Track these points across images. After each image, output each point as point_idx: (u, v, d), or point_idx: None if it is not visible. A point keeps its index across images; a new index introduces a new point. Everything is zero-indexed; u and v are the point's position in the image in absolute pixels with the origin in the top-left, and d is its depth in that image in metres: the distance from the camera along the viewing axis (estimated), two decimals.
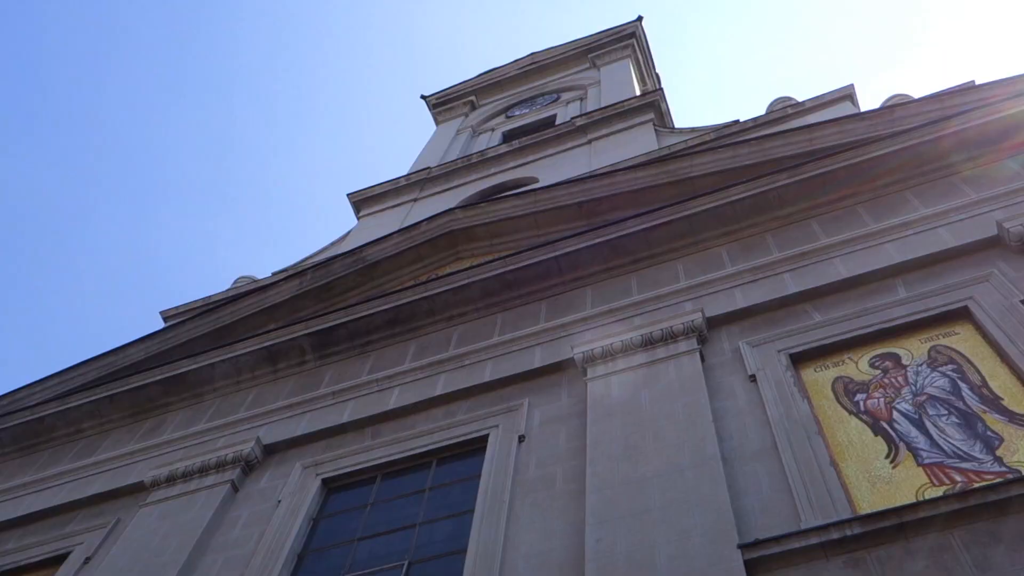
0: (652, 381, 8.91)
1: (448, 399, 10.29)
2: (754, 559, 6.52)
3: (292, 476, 10.05)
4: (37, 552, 10.46)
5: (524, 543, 7.73)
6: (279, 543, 8.99)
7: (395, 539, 8.76)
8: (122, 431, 12.38)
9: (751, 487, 7.32)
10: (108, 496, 11.03)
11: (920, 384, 7.90)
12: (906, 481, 7.00)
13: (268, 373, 12.25)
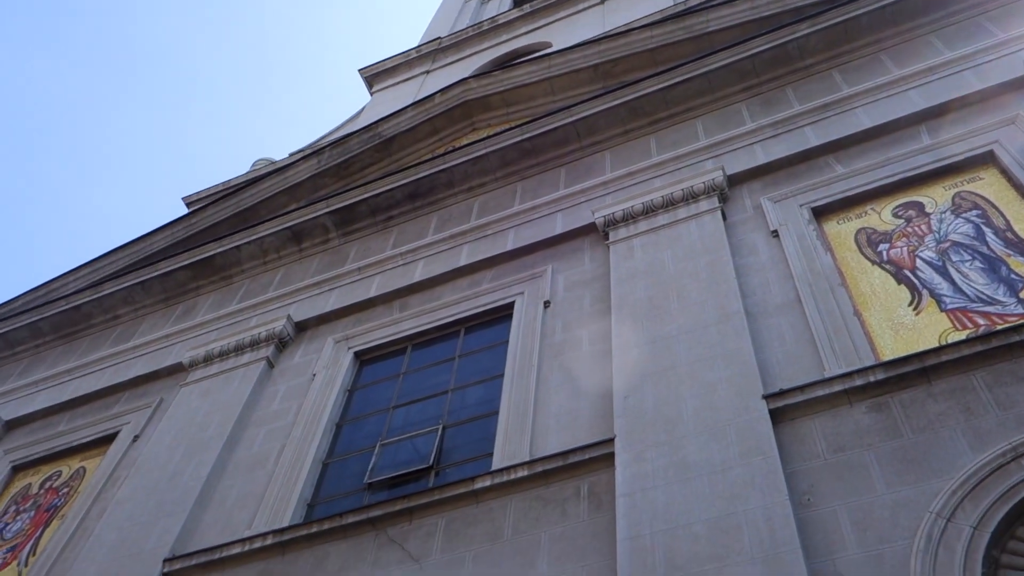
0: (674, 241, 8.94)
1: (472, 269, 10.41)
2: (779, 408, 6.70)
3: (325, 350, 10.32)
4: (88, 432, 10.92)
5: (554, 403, 7.97)
6: (317, 414, 9.31)
7: (428, 405, 9.04)
8: (156, 316, 12.68)
9: (775, 340, 7.44)
10: (149, 378, 11.41)
11: (944, 231, 7.88)
12: (929, 327, 7.08)
13: (294, 252, 12.40)
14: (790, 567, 5.46)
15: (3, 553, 9.74)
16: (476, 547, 6.89)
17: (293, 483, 8.48)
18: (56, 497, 10.29)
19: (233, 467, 9.18)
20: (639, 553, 6.00)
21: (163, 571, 8.00)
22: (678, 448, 6.65)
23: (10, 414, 11.93)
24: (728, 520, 5.94)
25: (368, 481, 8.21)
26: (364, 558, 7.26)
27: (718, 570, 5.64)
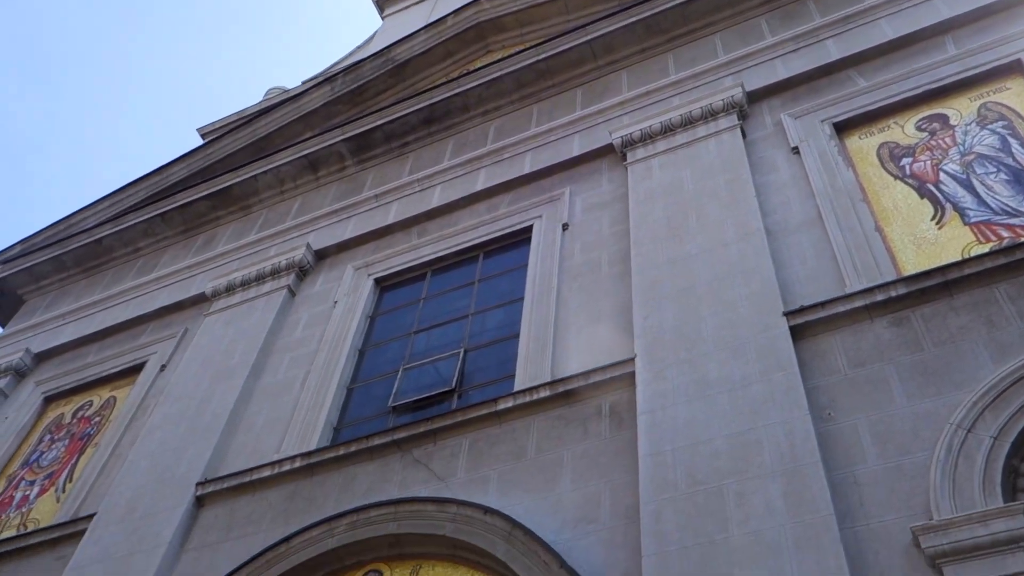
0: (693, 160, 8.86)
1: (490, 193, 10.38)
2: (799, 325, 6.70)
3: (345, 278, 10.38)
4: (116, 363, 11.11)
5: (574, 325, 8.01)
6: (340, 341, 9.42)
7: (449, 330, 9.12)
8: (177, 247, 12.77)
9: (795, 258, 7.41)
10: (173, 308, 11.54)
11: (968, 143, 7.75)
12: (952, 241, 7.03)
13: (310, 181, 12.39)
14: (810, 480, 5.54)
15: (41, 480, 10.02)
16: (500, 466, 7.02)
17: (319, 408, 8.62)
18: (88, 426, 10.53)
19: (259, 393, 9.34)
20: (660, 469, 6.10)
21: (196, 494, 8.21)
22: (698, 366, 6.69)
23: (39, 346, 12.14)
24: (748, 435, 6.00)
25: (392, 404, 8.34)
26: (391, 479, 7.42)
27: (739, 484, 5.73)
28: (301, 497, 7.74)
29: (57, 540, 8.69)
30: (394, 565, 6.66)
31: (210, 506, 8.19)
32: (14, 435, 10.85)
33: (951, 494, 5.20)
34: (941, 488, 5.24)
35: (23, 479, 10.21)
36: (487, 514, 6.27)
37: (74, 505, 9.08)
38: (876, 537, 5.26)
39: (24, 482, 10.14)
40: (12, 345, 12.52)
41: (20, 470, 10.38)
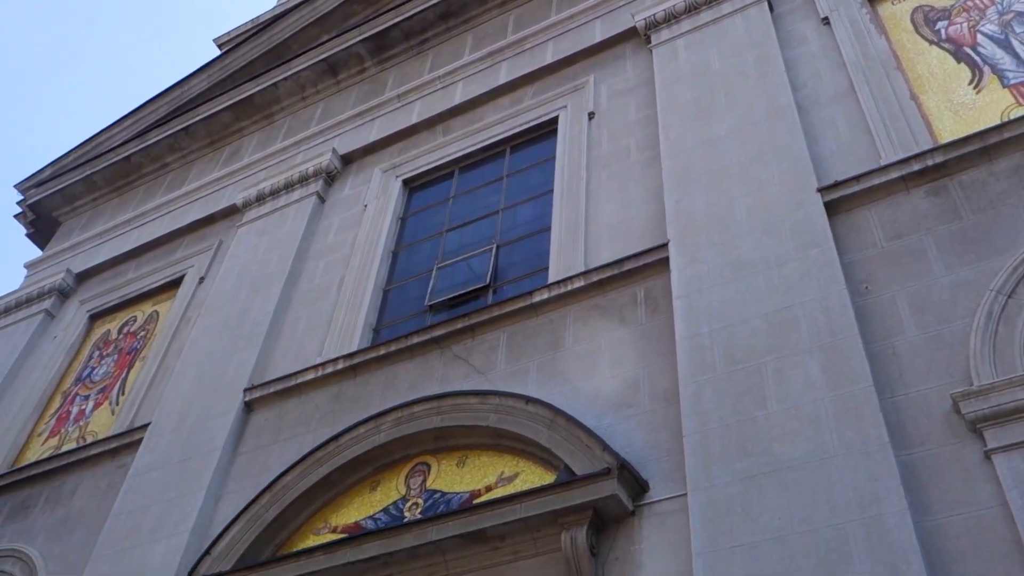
0: (719, 38, 8.61)
1: (513, 86, 10.20)
2: (834, 200, 6.61)
3: (373, 181, 10.36)
4: (155, 278, 11.29)
5: (604, 214, 7.97)
6: (372, 243, 9.46)
7: (480, 227, 9.12)
8: (204, 160, 12.79)
9: (828, 132, 7.26)
10: (206, 221, 11.64)
11: (1007, 1, 7.44)
12: (990, 105, 6.83)
13: (331, 85, 12.25)
14: (848, 353, 5.55)
15: (95, 395, 10.34)
16: (539, 357, 7.11)
17: (357, 310, 8.74)
18: (135, 341, 10.78)
19: (298, 300, 9.47)
20: (698, 351, 6.14)
21: (244, 400, 8.43)
22: (732, 247, 6.66)
23: (80, 266, 12.36)
24: (785, 313, 6.00)
25: (429, 303, 8.43)
26: (432, 375, 7.55)
27: (777, 361, 5.76)
28: (346, 397, 7.92)
29: (116, 450, 9.02)
30: (441, 457, 6.84)
31: (259, 410, 8.42)
32: (64, 353, 11.15)
33: (991, 359, 5.20)
34: (981, 354, 5.24)
35: (77, 395, 10.54)
36: (529, 403, 6.38)
37: (128, 416, 9.38)
38: (916, 406, 5.30)
39: (79, 397, 10.47)
40: (53, 266, 12.75)
41: (74, 386, 10.71)
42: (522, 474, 6.30)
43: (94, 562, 7.73)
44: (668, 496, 5.67)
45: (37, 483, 9.34)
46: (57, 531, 8.62)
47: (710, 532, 5.16)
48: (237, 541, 6.90)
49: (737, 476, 5.32)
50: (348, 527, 6.78)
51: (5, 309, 12.46)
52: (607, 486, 5.60)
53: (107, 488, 8.69)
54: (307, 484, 7.00)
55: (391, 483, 6.91)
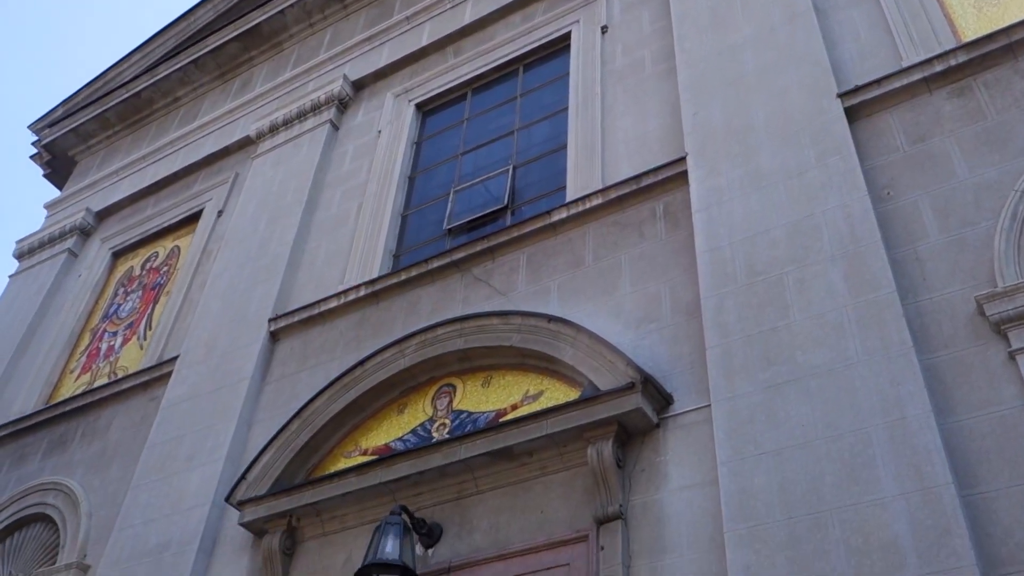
0: None
1: (524, 2, 9.99)
2: (854, 105, 6.49)
3: (386, 106, 10.27)
4: (174, 213, 11.33)
5: (621, 129, 7.88)
6: (388, 169, 9.42)
7: (496, 148, 9.04)
8: (216, 93, 12.69)
9: (848, 35, 7.09)
10: (221, 154, 11.61)
11: None
12: (1016, 0, 6.62)
13: (338, 11, 12.06)
14: (870, 260, 5.51)
15: (123, 331, 10.49)
16: (559, 276, 7.12)
17: (376, 237, 8.75)
18: (158, 276, 10.88)
19: (316, 229, 9.49)
20: (719, 264, 6.12)
21: (269, 330, 8.53)
22: (752, 158, 6.57)
23: (99, 204, 12.42)
24: (806, 222, 5.95)
25: (447, 227, 8.42)
26: (453, 297, 7.59)
27: (798, 271, 5.74)
28: (369, 323, 7.99)
29: (147, 383, 9.18)
30: (466, 378, 6.92)
31: (284, 339, 8.52)
32: (90, 291, 11.28)
33: (1016, 261, 5.16)
34: (1006, 255, 5.19)
35: (105, 331, 10.69)
36: (551, 322, 6.41)
37: (157, 350, 9.52)
38: (939, 309, 5.28)
39: (107, 334, 10.63)
40: (73, 206, 12.82)
41: (102, 323, 10.86)
42: (547, 392, 6.37)
43: (133, 491, 7.95)
44: (692, 408, 5.72)
45: (73, 418, 9.55)
46: (95, 463, 8.85)
47: (734, 441, 5.22)
48: (270, 466, 7.06)
49: (760, 386, 5.36)
50: (378, 449, 6.91)
51: (29, 250, 12.59)
52: (631, 400, 5.66)
53: (141, 420, 8.88)
54: (335, 409, 7.12)
55: (418, 405, 7.01)
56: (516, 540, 5.79)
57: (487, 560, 5.79)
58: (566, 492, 5.82)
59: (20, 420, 9.89)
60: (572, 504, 5.74)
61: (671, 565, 5.13)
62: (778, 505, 4.83)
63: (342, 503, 6.61)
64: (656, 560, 5.20)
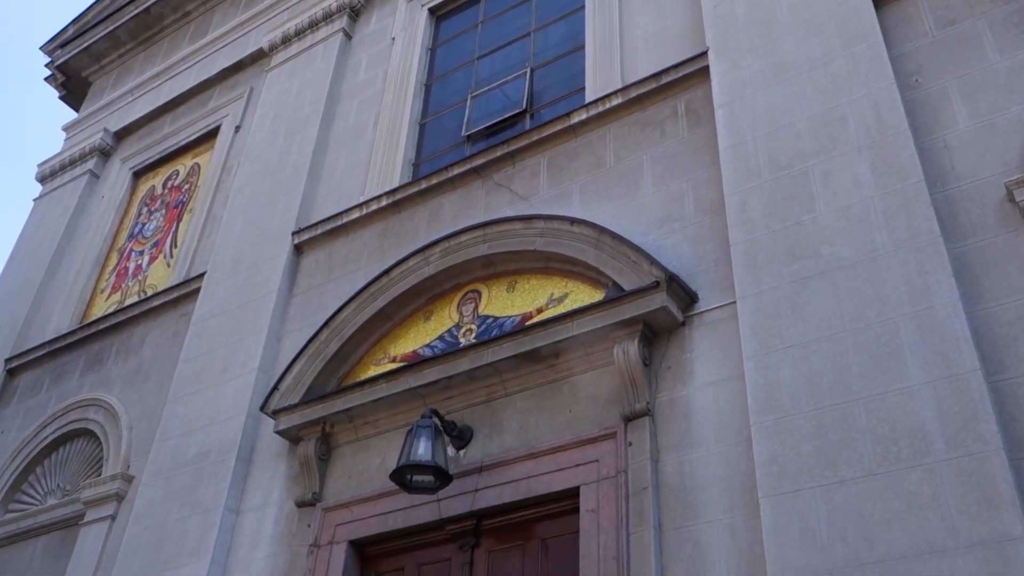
0: None
1: None
2: None
3: (399, 12, 10.06)
4: (192, 130, 11.29)
5: (639, 26, 7.69)
6: (404, 77, 9.30)
7: (512, 51, 8.87)
8: (225, 6, 12.48)
9: None
10: (235, 69, 11.47)
11: None
12: None
13: None
14: (898, 150, 5.42)
15: (149, 249, 10.58)
16: (581, 178, 7.06)
17: (395, 146, 8.69)
18: (180, 194, 10.91)
19: (335, 141, 9.44)
20: (742, 160, 6.04)
21: (293, 243, 8.57)
22: (775, 50, 6.41)
23: (116, 124, 12.38)
24: (832, 114, 5.84)
25: (466, 133, 8.34)
26: (475, 204, 7.57)
27: (824, 163, 5.65)
28: (392, 233, 8.01)
29: (177, 300, 9.31)
30: (491, 283, 6.95)
31: (308, 252, 8.57)
32: (113, 211, 11.35)
33: None
34: None
35: (132, 251, 10.79)
36: (574, 224, 6.39)
37: (184, 267, 9.62)
38: (968, 197, 5.20)
39: (134, 253, 10.74)
40: (91, 127, 12.80)
41: (128, 243, 10.96)
42: (572, 294, 6.39)
43: (171, 404, 8.14)
44: (717, 305, 5.73)
45: (107, 336, 9.74)
46: (132, 379, 9.05)
47: (760, 336, 5.24)
48: (302, 376, 7.19)
49: (785, 280, 5.34)
50: (406, 356, 7.01)
51: (50, 173, 12.64)
52: (656, 299, 5.67)
53: (173, 336, 9.04)
54: (363, 318, 7.20)
55: (444, 312, 7.07)
56: (545, 439, 5.90)
57: (517, 459, 5.92)
58: (593, 392, 5.90)
59: (56, 340, 10.10)
60: (599, 403, 5.83)
61: (698, 458, 5.22)
62: (804, 397, 4.87)
63: (374, 409, 6.75)
64: (683, 454, 5.29)
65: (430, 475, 5.73)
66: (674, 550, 5.00)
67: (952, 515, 4.15)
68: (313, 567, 6.41)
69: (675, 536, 5.05)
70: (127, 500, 7.92)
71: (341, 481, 6.78)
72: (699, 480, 5.14)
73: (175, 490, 7.44)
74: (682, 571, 4.91)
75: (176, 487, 7.45)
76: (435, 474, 5.72)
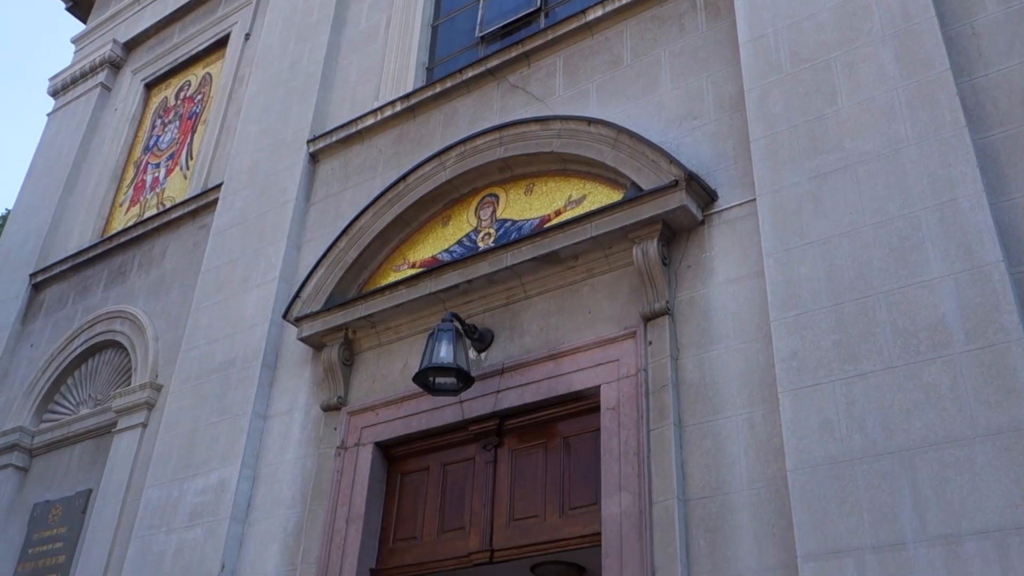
0: None
1: None
2: None
3: None
4: (201, 39, 11.13)
5: None
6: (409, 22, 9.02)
7: None
8: None
9: None
10: None
11: None
12: None
13: None
14: (924, 38, 5.26)
15: (165, 162, 10.57)
16: (598, 77, 6.94)
17: (408, 51, 8.54)
18: (193, 105, 10.83)
19: (347, 46, 9.28)
20: (762, 53, 5.90)
21: (309, 152, 8.52)
22: None
23: (125, 35, 12.23)
24: (855, 2, 5.65)
25: (480, 35, 8.18)
26: (490, 107, 7.47)
27: (847, 54, 5.51)
28: (407, 139, 7.94)
29: (195, 211, 9.34)
30: (508, 187, 6.91)
31: (324, 160, 8.53)
32: (127, 124, 11.30)
33: None
34: None
35: (148, 163, 10.78)
36: (591, 124, 6.31)
37: (201, 178, 9.62)
38: (996, 86, 5.07)
39: (150, 166, 10.73)
40: (99, 38, 12.65)
41: (143, 155, 10.94)
42: (590, 196, 6.35)
43: (194, 314, 8.25)
44: (737, 203, 5.68)
45: (128, 249, 9.82)
46: (155, 291, 9.16)
47: (780, 233, 5.20)
48: (323, 284, 7.24)
49: (807, 176, 5.27)
50: (426, 261, 7.03)
51: (62, 87, 12.56)
52: (675, 198, 5.63)
53: (193, 247, 9.10)
54: (381, 225, 7.20)
55: (462, 217, 7.06)
56: (566, 340, 5.95)
57: (538, 360, 5.98)
58: (613, 293, 5.92)
59: (79, 254, 10.19)
60: (619, 304, 5.85)
61: (718, 355, 5.26)
62: (824, 293, 4.87)
63: (395, 314, 6.81)
64: (703, 351, 5.33)
65: (452, 377, 5.81)
66: (694, 445, 5.09)
67: (970, 405, 4.18)
68: (341, 469, 6.57)
69: (695, 432, 5.12)
70: (157, 408, 8.10)
71: (365, 385, 6.90)
72: (719, 377, 5.19)
73: (203, 397, 7.60)
74: (701, 465, 5.00)
75: (204, 394, 7.61)
76: (457, 376, 5.80)
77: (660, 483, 5.04)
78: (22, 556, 8.30)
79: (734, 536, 4.72)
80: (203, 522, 6.87)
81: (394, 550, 6.29)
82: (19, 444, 9.01)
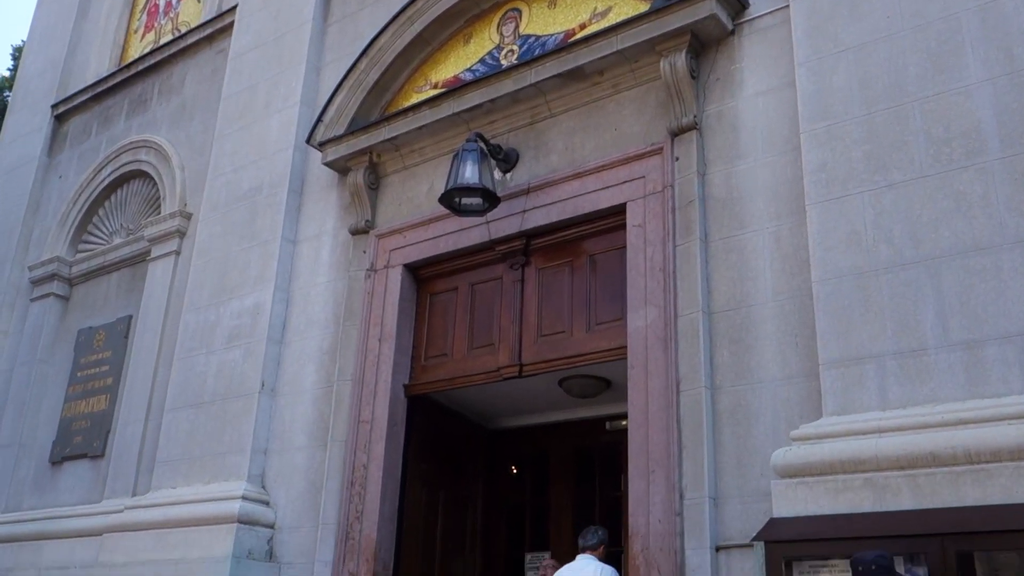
0: None
1: None
2: None
3: None
4: None
5: None
6: None
7: None
8: None
9: None
10: None
11: None
12: None
13: None
14: None
15: None
16: None
17: None
18: None
19: None
20: None
21: None
22: None
23: None
24: None
25: None
26: None
27: None
28: None
29: (212, 36, 9.13)
30: (531, 0, 6.66)
31: None
32: None
33: None
34: None
35: None
36: None
37: (215, 0, 9.34)
38: None
39: None
40: None
41: None
42: (615, 7, 6.11)
43: (218, 141, 8.22)
44: (769, 10, 5.46)
45: (147, 77, 9.69)
46: (177, 118, 9.10)
47: (814, 40, 5.02)
48: (345, 107, 7.15)
49: None
50: (448, 81, 6.89)
51: None
52: (705, 7, 5.41)
53: (212, 73, 8.95)
54: (402, 44, 7.02)
55: (484, 33, 6.85)
56: (591, 158, 5.90)
57: (564, 179, 5.96)
58: (639, 108, 5.81)
59: (98, 83, 10.09)
60: (645, 119, 5.75)
61: (746, 169, 5.20)
62: (857, 101, 4.74)
63: (419, 136, 6.75)
64: (731, 166, 5.27)
65: (478, 197, 5.82)
66: (720, 259, 5.12)
67: (1001, 212, 4.14)
68: (372, 290, 6.71)
69: (721, 246, 5.14)
70: (188, 236, 8.22)
71: (392, 208, 6.93)
72: (746, 191, 5.15)
73: (233, 224, 7.69)
74: (727, 279, 5.05)
75: (234, 221, 7.69)
76: (483, 196, 5.80)
77: (685, 297, 5.11)
78: (71, 379, 8.68)
79: (758, 346, 4.82)
80: (241, 343, 7.11)
81: (426, 367, 6.51)
82: (58, 274, 9.24)
